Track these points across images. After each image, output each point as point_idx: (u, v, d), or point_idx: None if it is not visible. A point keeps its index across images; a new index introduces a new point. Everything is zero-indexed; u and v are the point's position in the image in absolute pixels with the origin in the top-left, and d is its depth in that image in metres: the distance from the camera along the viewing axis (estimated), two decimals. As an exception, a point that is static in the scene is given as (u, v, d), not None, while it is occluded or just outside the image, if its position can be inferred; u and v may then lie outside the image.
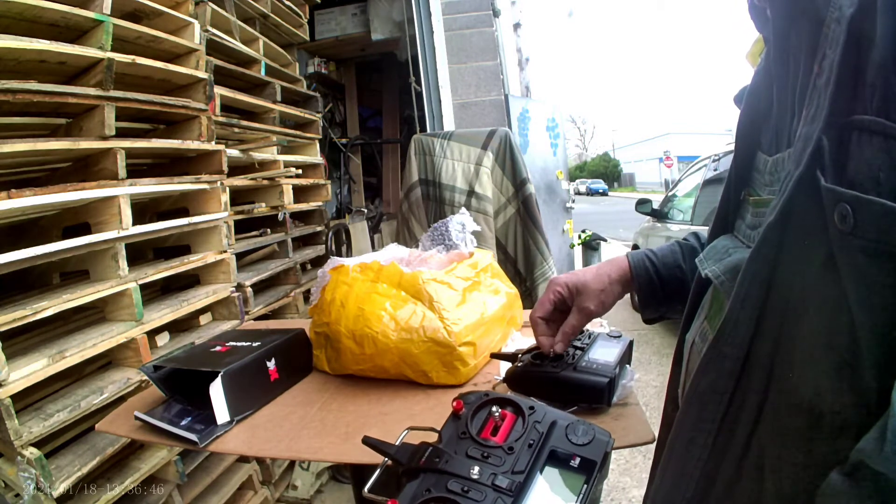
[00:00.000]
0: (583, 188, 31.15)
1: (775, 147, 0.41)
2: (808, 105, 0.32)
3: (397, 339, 0.84)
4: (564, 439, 0.41)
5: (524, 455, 0.41)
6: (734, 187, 0.46)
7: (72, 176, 1.30)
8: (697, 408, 0.38)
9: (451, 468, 0.40)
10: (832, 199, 0.28)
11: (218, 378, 0.74)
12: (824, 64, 0.30)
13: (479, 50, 2.83)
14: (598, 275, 0.67)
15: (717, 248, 0.45)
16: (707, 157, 3.72)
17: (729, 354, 0.36)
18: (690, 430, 0.38)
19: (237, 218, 1.76)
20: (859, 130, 0.28)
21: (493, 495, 0.38)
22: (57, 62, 1.15)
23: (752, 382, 0.34)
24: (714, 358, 0.37)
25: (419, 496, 0.38)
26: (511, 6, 4.25)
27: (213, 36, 1.72)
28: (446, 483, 0.39)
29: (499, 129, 2.01)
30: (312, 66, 3.23)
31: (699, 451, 0.37)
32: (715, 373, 0.37)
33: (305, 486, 1.91)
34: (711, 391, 0.37)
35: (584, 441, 0.41)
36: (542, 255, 1.94)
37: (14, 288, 1.32)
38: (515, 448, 0.41)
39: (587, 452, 0.41)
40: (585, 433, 0.42)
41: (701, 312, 0.47)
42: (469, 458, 0.41)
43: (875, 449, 0.24)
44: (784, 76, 0.38)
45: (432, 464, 0.40)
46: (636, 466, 2.11)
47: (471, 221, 1.14)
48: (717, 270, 0.42)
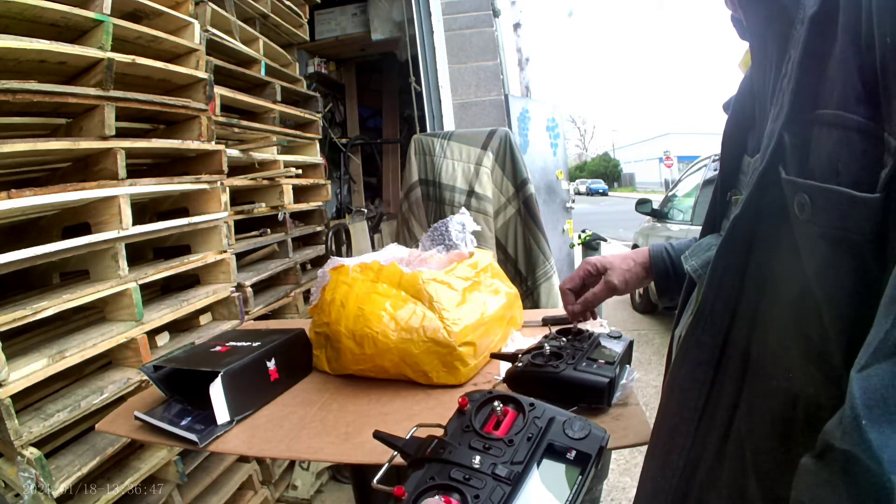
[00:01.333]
0: (583, 188, 31.12)
1: (757, 150, 0.42)
2: (773, 105, 0.34)
3: (397, 339, 0.84)
4: (562, 434, 0.43)
5: (523, 447, 0.42)
6: (721, 189, 0.48)
7: (72, 176, 1.30)
8: (679, 396, 0.39)
9: (454, 458, 0.42)
10: (792, 189, 0.30)
11: (218, 378, 0.74)
12: (788, 65, 0.32)
13: (479, 50, 2.83)
14: (624, 258, 0.74)
15: (702, 246, 0.47)
16: (707, 157, 3.72)
17: (706, 343, 0.37)
18: (672, 418, 0.39)
19: (237, 218, 1.76)
20: (819, 125, 0.29)
21: (493, 483, 0.40)
22: (57, 62, 1.15)
23: (730, 370, 0.35)
24: (691, 346, 0.38)
25: (423, 483, 0.40)
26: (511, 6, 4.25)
27: (213, 36, 1.72)
28: (449, 472, 0.41)
29: (499, 129, 2.01)
30: (312, 66, 3.23)
31: (682, 439, 0.38)
32: (693, 361, 0.38)
33: (305, 486, 1.90)
34: (691, 379, 0.38)
35: (580, 436, 0.43)
36: (543, 255, 1.95)
37: (14, 288, 1.32)
38: (515, 441, 0.43)
39: (583, 446, 0.42)
40: (582, 428, 0.43)
41: (688, 308, 0.49)
42: (471, 450, 0.43)
43: (837, 428, 0.24)
44: (762, 82, 0.40)
45: (437, 454, 0.42)
46: (636, 466, 2.11)
47: (471, 221, 1.14)
48: (695, 265, 0.45)
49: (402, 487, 0.39)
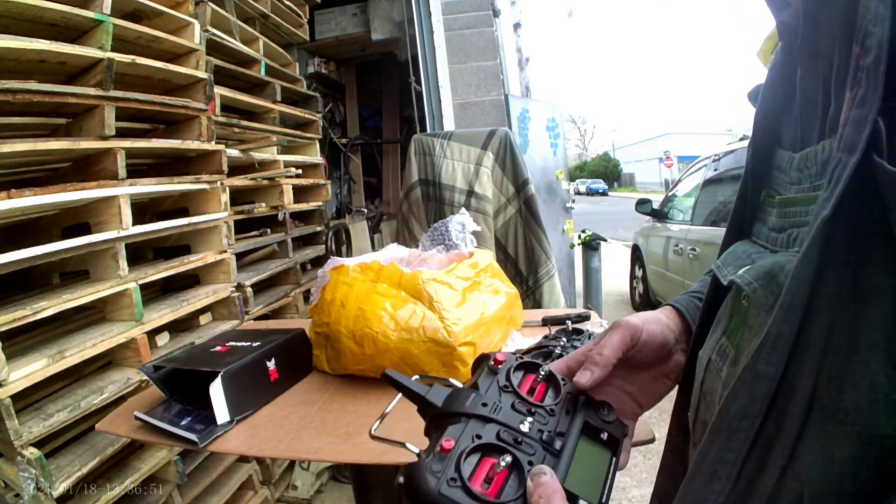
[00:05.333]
0: (583, 188, 31.10)
1: (800, 143, 0.38)
2: (853, 87, 0.29)
3: (397, 339, 0.84)
4: (594, 414, 0.41)
5: (563, 420, 0.40)
6: (752, 189, 0.42)
7: (72, 176, 1.30)
8: (725, 437, 0.33)
9: (501, 417, 0.38)
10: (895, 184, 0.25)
11: (218, 378, 0.74)
12: (869, 42, 0.28)
13: (479, 50, 2.83)
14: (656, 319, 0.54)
15: (738, 254, 0.41)
16: (707, 157, 3.71)
17: (765, 374, 0.31)
18: (714, 463, 0.33)
19: (237, 218, 1.76)
20: None
21: (542, 452, 0.36)
22: (57, 62, 1.15)
23: (791, 405, 0.30)
24: (749, 379, 0.32)
25: (468, 441, 0.35)
26: (511, 6, 4.25)
27: (213, 36, 1.72)
28: (497, 432, 0.37)
29: (499, 129, 2.01)
30: (312, 66, 3.23)
31: (721, 485, 0.32)
32: (748, 395, 0.32)
33: (305, 485, 1.91)
34: (741, 417, 0.32)
35: (610, 419, 0.41)
36: (545, 255, 1.95)
37: (14, 288, 1.32)
38: (556, 411, 0.40)
39: (613, 430, 0.41)
40: (610, 412, 0.42)
41: (717, 327, 0.43)
42: (515, 412, 0.39)
43: None
44: (812, 64, 0.35)
45: (480, 410, 0.38)
46: (636, 466, 2.12)
47: (470, 221, 1.14)
48: (747, 277, 0.37)
49: (451, 440, 0.35)
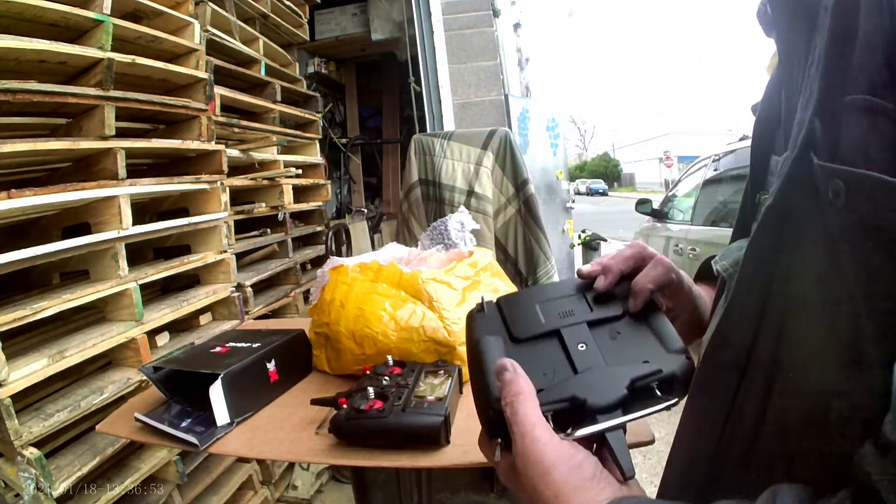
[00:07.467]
0: (583, 188, 31.08)
1: (783, 147, 0.41)
2: (802, 94, 0.33)
3: (397, 339, 0.84)
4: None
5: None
6: (751, 192, 0.47)
7: (72, 176, 1.30)
8: (705, 398, 0.38)
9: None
10: (825, 175, 0.29)
11: (218, 380, 0.74)
12: (815, 52, 0.31)
13: (479, 50, 2.83)
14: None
15: (731, 249, 0.46)
16: (707, 158, 3.71)
17: (735, 343, 0.36)
18: (697, 421, 0.39)
19: (237, 218, 1.76)
20: (849, 111, 0.28)
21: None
22: (57, 62, 1.15)
23: (759, 371, 0.35)
24: (719, 345, 0.37)
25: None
26: (511, 6, 4.25)
27: (213, 36, 1.72)
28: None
29: (499, 129, 2.00)
30: (312, 66, 3.23)
31: (706, 443, 0.37)
32: (720, 362, 0.37)
33: (305, 486, 1.91)
34: (717, 380, 0.37)
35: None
36: (545, 255, 1.95)
37: (14, 288, 1.32)
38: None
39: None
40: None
41: (717, 314, 0.48)
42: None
43: (890, 425, 0.24)
44: (789, 76, 0.39)
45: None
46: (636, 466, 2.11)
47: (469, 219, 1.14)
48: (725, 264, 0.43)
49: (344, 400, 0.34)
